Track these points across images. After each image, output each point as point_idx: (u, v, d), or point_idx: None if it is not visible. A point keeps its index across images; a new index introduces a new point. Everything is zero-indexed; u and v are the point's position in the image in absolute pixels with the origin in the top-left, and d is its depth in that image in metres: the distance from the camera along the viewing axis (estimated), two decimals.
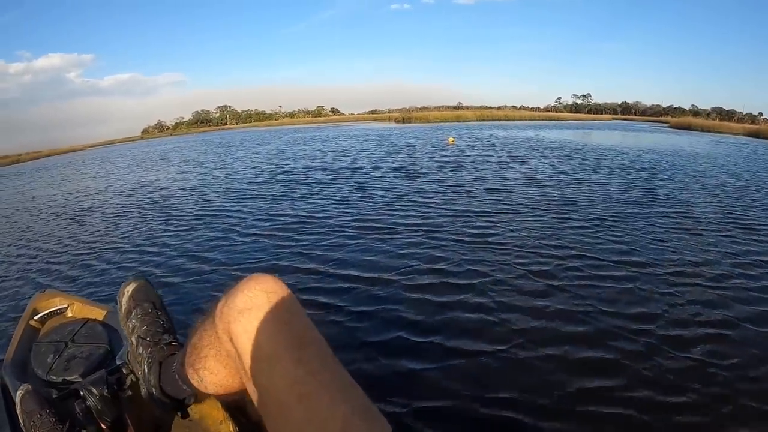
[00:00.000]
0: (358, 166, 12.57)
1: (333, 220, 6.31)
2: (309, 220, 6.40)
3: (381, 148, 18.31)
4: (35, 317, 2.43)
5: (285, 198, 8.29)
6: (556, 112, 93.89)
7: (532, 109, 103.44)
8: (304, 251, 5.05)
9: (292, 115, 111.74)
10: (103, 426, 1.40)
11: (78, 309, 2.45)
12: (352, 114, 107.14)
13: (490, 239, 5.17)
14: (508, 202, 7.09)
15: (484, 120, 55.67)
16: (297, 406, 0.69)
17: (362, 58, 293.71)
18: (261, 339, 0.74)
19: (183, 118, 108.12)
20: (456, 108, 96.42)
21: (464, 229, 5.61)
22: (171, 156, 22.12)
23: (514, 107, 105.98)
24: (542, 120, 60.29)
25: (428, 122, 52.30)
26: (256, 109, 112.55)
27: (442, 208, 6.72)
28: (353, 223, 6.06)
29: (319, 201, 7.76)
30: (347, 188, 8.90)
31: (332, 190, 8.83)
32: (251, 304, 0.76)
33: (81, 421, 1.39)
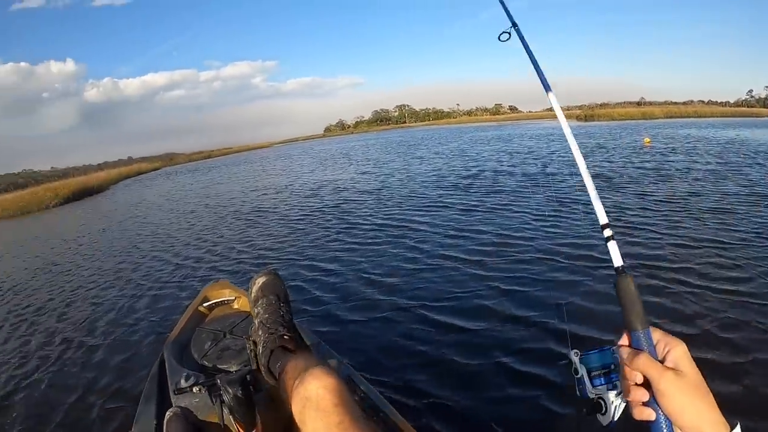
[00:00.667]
0: (550, 171, 11.52)
1: (537, 245, 5.38)
2: (507, 243, 5.56)
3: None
4: (204, 304, 2.65)
5: (476, 210, 7.55)
6: (749, 107, 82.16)
7: (721, 103, 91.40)
8: (508, 291, 4.17)
9: (469, 113, 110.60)
10: (236, 423, 1.51)
11: (243, 303, 2.60)
12: (530, 111, 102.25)
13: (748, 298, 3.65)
14: (744, 229, 5.44)
15: (672, 117, 50.10)
16: None
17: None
18: (307, 420, 1.07)
19: (363, 117, 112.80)
20: (638, 104, 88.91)
21: (712, 280, 4.04)
22: (352, 154, 22.89)
23: (702, 102, 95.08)
24: (735, 117, 52.07)
25: (612, 120, 48.40)
26: (433, 108, 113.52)
27: (668, 235, 5.43)
28: (563, 252, 5.03)
29: (515, 216, 6.92)
30: (544, 200, 7.93)
31: (527, 201, 7.94)
32: (307, 395, 1.10)
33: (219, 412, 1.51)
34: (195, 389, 1.62)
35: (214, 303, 2.68)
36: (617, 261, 0.80)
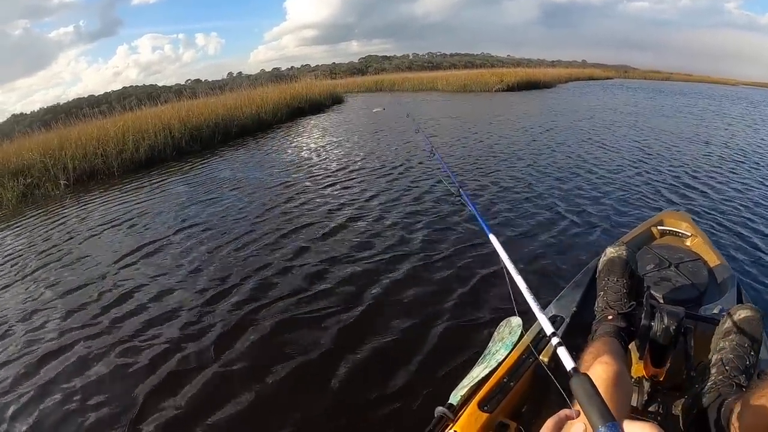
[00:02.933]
0: None
1: None
2: None
3: None
4: (658, 227, 2.60)
5: None
6: None
7: None
8: None
9: None
10: (645, 350, 1.44)
11: (697, 244, 2.39)
12: None
13: None
14: None
15: None
16: None
17: None
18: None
19: None
20: None
21: None
22: None
23: None
24: None
25: None
26: None
27: None
28: None
29: None
30: None
31: None
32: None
33: (635, 328, 1.43)
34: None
35: (668, 230, 2.58)
36: (569, 364, 0.79)
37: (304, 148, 9.34)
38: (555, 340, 0.85)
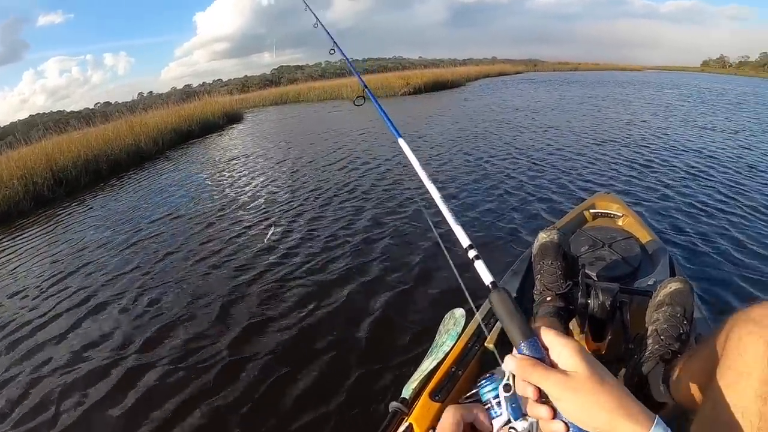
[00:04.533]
0: None
1: None
2: None
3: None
4: (590, 210, 2.66)
5: None
6: None
7: None
8: None
9: None
10: (585, 326, 1.56)
11: (628, 222, 2.49)
12: None
13: None
14: None
15: None
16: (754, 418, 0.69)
17: None
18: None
19: (748, 57, 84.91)
20: None
21: None
22: (746, 102, 14.60)
23: None
24: None
25: None
26: None
27: None
28: None
29: None
30: None
31: None
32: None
33: (573, 307, 1.52)
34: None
35: (600, 212, 2.63)
36: (487, 278, 0.74)
37: (168, 188, 8.15)
38: (472, 253, 0.80)
